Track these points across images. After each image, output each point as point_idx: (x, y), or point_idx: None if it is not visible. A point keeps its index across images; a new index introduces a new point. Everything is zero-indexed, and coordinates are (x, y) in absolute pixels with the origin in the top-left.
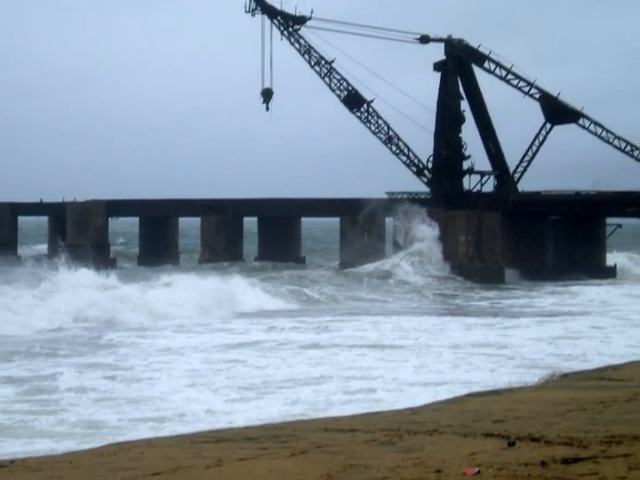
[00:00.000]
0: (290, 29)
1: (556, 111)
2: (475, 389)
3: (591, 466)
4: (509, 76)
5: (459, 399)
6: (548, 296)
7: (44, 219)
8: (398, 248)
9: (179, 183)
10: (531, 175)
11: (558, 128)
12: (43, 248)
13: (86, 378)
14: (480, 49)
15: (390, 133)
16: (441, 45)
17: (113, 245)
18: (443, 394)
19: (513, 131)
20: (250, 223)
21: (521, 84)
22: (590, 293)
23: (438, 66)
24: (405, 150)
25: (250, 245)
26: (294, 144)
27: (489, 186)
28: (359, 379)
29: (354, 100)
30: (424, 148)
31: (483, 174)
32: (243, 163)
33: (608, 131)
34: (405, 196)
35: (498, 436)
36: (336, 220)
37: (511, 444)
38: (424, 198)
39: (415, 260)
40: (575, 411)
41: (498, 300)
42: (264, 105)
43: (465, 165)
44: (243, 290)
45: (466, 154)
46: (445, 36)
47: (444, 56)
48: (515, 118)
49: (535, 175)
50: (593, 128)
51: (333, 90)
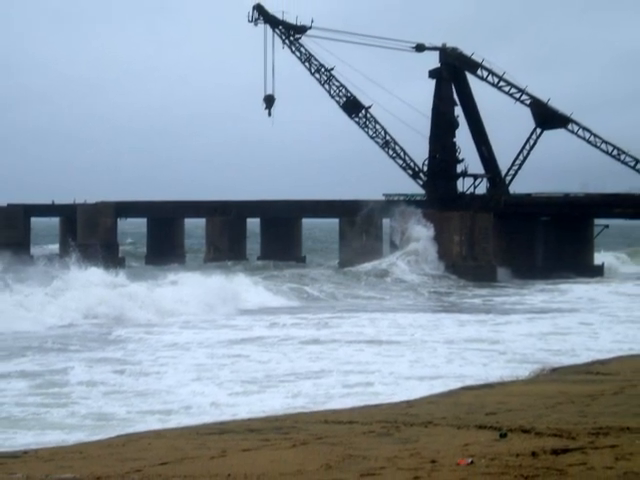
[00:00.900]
0: (291, 38)
1: (546, 117)
2: (468, 383)
3: (579, 456)
4: (501, 83)
5: (453, 392)
6: (538, 294)
7: (56, 220)
8: (395, 248)
9: (185, 185)
10: (522, 178)
11: (548, 133)
12: (55, 248)
13: (96, 372)
14: (473, 57)
15: (387, 137)
16: (436, 53)
17: (122, 245)
18: (438, 387)
19: (505, 136)
20: (253, 224)
21: (512, 91)
22: (578, 291)
23: (433, 73)
24: (401, 154)
25: (253, 245)
26: (295, 148)
27: (482, 188)
28: (357, 373)
29: (353, 106)
30: (419, 152)
31: (476, 177)
32: (246, 166)
33: (596, 136)
34: (401, 198)
35: (490, 428)
36: (335, 221)
37: (503, 435)
38: (420, 200)
39: (411, 259)
40: (564, 404)
41: (490, 297)
42: (266, 111)
43: (459, 168)
44: (246, 288)
45: (460, 158)
46: (440, 45)
47: (439, 64)
48: (507, 123)
49: (526, 178)
50: (581, 133)
51: (333, 96)
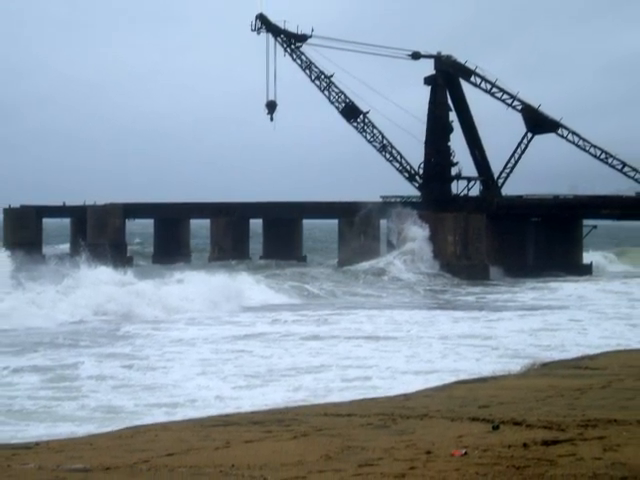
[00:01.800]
0: (292, 46)
1: (537, 121)
2: (462, 377)
3: (569, 448)
4: (494, 89)
5: (447, 386)
6: (529, 291)
7: (66, 221)
8: (392, 247)
9: (190, 187)
10: (514, 180)
11: (538, 137)
12: (65, 247)
13: (105, 367)
14: (467, 64)
15: (384, 142)
16: (431, 61)
17: (130, 245)
18: (433, 381)
19: (497, 140)
20: (256, 224)
21: (505, 97)
22: (568, 289)
23: (428, 80)
24: (398, 157)
25: (256, 245)
26: (296, 152)
27: (475, 190)
28: (356, 368)
29: (351, 111)
30: (415, 155)
31: (470, 179)
32: (249, 169)
33: (584, 140)
34: (398, 200)
35: (483, 420)
36: (335, 222)
37: (495, 427)
38: (415, 201)
39: (407, 258)
40: (554, 397)
41: (483, 295)
42: (268, 116)
43: (453, 171)
44: (249, 286)
45: (454, 161)
46: (435, 52)
47: (434, 71)
48: (499, 128)
49: (517, 180)
50: (571, 137)
51: (332, 102)
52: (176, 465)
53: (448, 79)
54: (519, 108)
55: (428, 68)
